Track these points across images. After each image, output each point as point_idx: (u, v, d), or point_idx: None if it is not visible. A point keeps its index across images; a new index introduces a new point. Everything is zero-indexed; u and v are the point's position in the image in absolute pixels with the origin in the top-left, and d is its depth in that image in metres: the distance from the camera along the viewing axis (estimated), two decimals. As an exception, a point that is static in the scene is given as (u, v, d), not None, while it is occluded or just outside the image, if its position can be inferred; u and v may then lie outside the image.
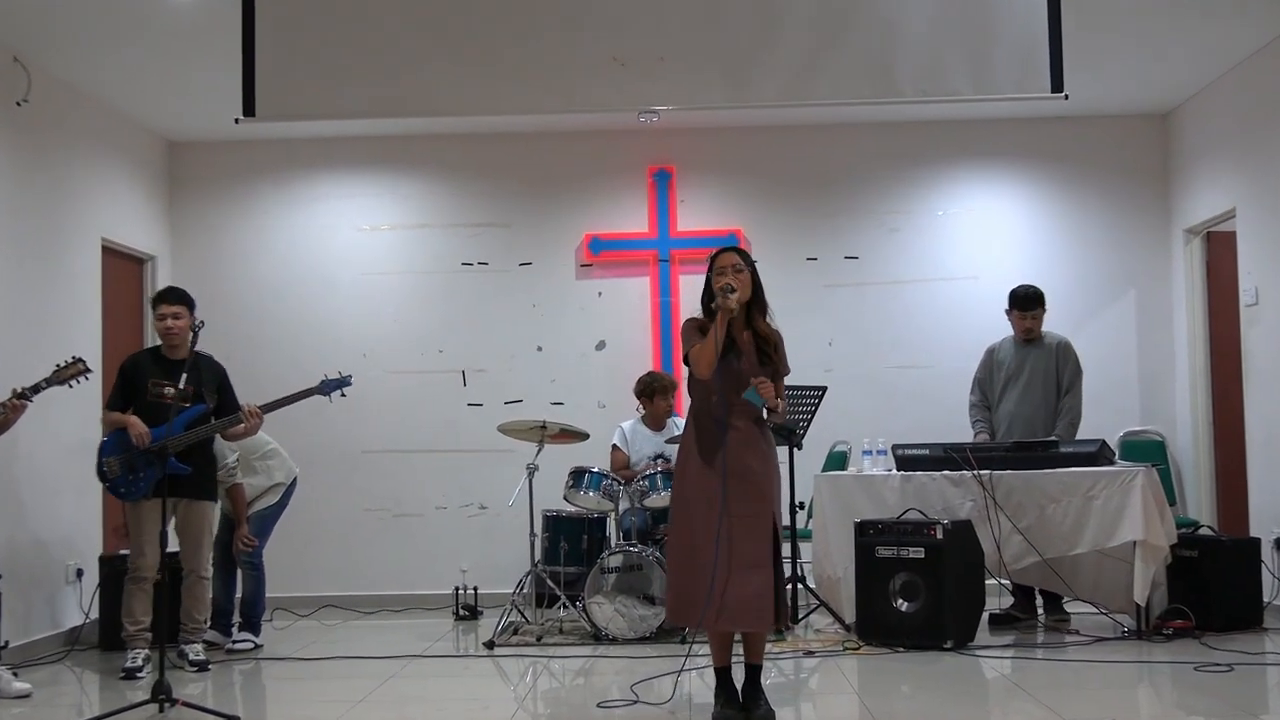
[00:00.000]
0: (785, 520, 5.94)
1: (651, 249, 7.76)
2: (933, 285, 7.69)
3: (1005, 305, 6.36)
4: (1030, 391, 6.22)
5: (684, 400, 7.40)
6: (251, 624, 6.17)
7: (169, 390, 5.45)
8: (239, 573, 6.21)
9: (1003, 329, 6.62)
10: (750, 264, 4.22)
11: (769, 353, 4.17)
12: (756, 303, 4.21)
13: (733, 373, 4.15)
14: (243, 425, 5.52)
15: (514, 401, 7.67)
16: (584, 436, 6.48)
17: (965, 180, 7.79)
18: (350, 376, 5.78)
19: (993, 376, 6.35)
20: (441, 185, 7.89)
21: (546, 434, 6.30)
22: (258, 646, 6.07)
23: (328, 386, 5.69)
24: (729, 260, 4.20)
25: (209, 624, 6.01)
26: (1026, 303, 6.26)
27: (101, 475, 5.49)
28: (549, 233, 7.81)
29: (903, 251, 7.74)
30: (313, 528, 7.57)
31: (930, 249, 7.74)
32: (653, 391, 6.71)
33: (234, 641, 6.07)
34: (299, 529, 7.40)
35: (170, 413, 5.24)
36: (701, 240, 7.66)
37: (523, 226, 7.84)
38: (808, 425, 6.25)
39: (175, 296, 5.62)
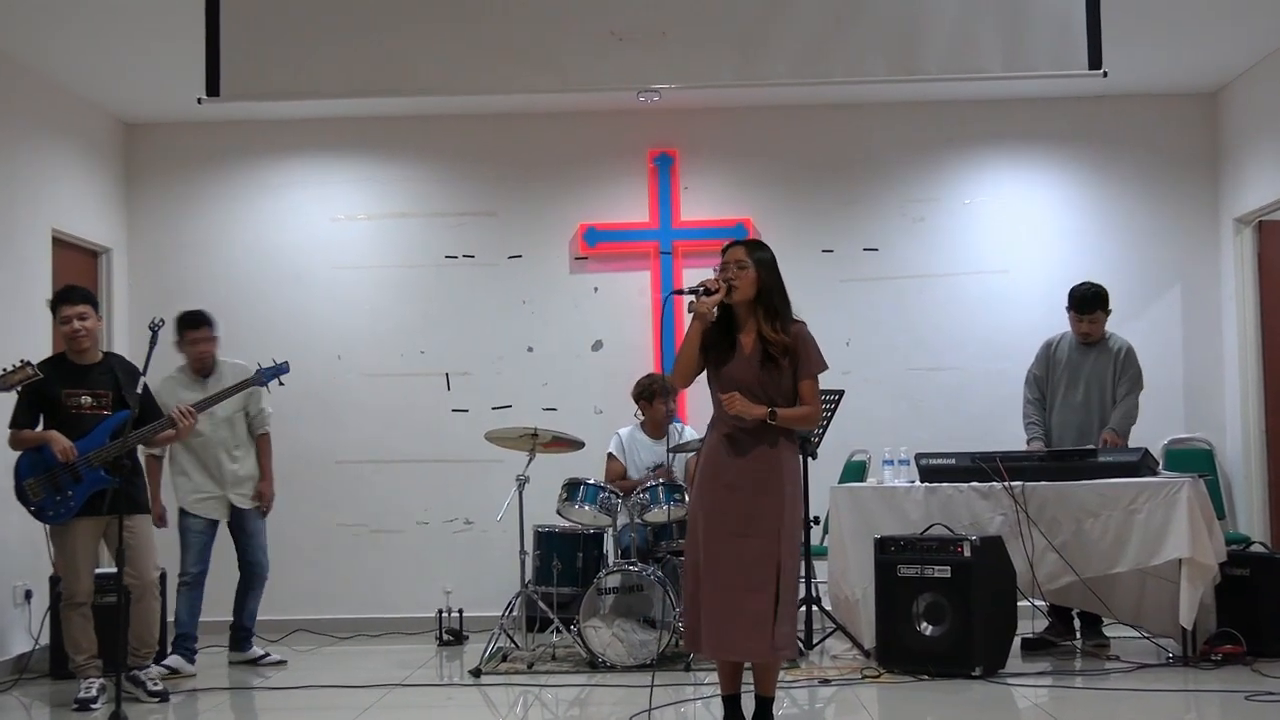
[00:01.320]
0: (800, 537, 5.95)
1: (652, 240, 7.76)
2: (960, 280, 7.70)
3: (1065, 303, 6.35)
4: (1088, 398, 6.23)
5: (689, 405, 7.42)
6: (251, 635, 6.44)
7: (85, 399, 5.44)
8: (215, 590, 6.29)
9: (1039, 327, 6.64)
10: (759, 259, 4.20)
11: (777, 358, 4.16)
12: (764, 302, 4.19)
13: (730, 379, 4.17)
14: (174, 429, 5.52)
15: (502, 407, 7.66)
16: (579, 445, 6.47)
17: (995, 165, 7.79)
18: (287, 363, 5.78)
19: (1049, 375, 6.34)
20: (423, 171, 7.89)
21: (538, 442, 6.30)
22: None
23: (265, 375, 5.71)
24: (732, 255, 4.21)
25: (169, 648, 6.02)
26: (1084, 304, 6.24)
27: (23, 499, 5.42)
28: (540, 223, 7.81)
29: (927, 243, 7.74)
30: (282, 545, 7.49)
31: (957, 240, 7.74)
32: (652, 394, 6.71)
33: (261, 657, 6.35)
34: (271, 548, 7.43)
35: (92, 422, 5.29)
36: (706, 231, 7.67)
37: (512, 216, 7.84)
38: (823, 433, 6.25)
39: (80, 295, 5.58)
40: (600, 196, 7.81)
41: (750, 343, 4.19)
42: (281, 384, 5.74)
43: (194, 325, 6.23)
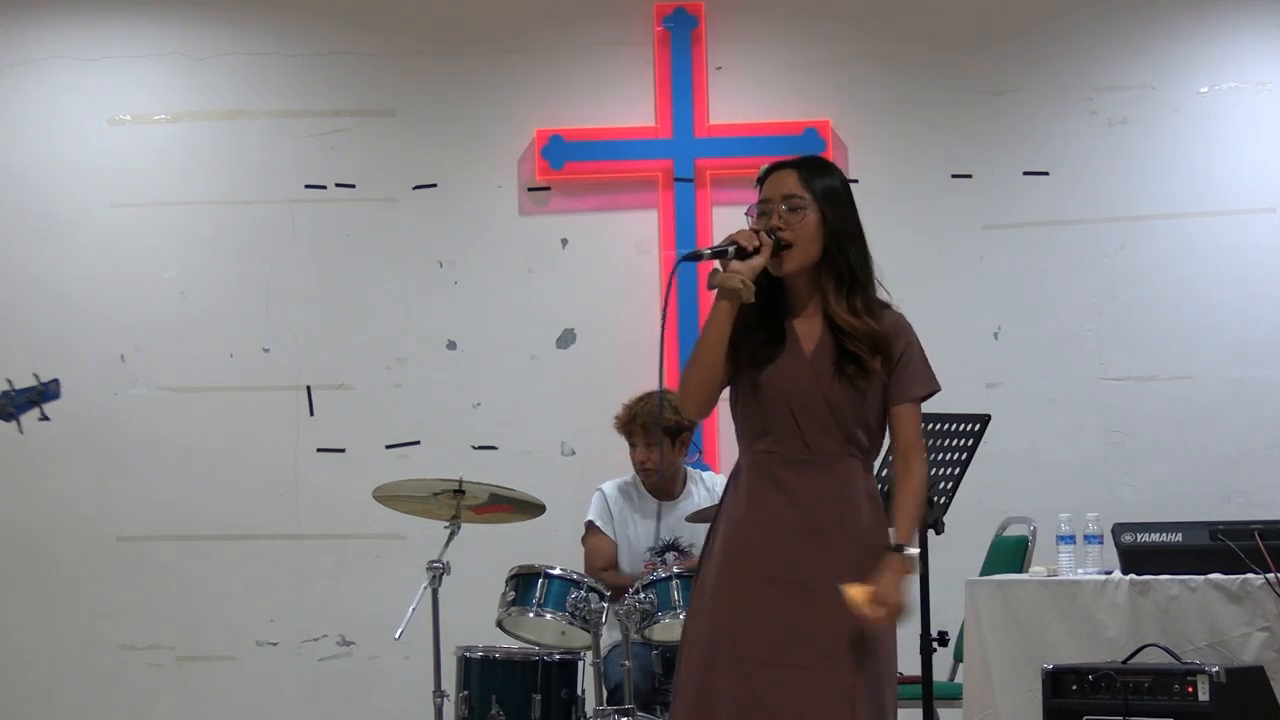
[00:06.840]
0: (904, 668, 5.93)
1: (662, 158, 7.83)
2: (1192, 225, 7.71)
3: None
4: None
5: (720, 436, 7.38)
6: None
7: None
8: None
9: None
10: (824, 190, 4.22)
11: (863, 357, 4.16)
12: (833, 266, 4.20)
13: (776, 392, 4.17)
14: None
15: (404, 444, 7.72)
16: (535, 509, 6.49)
17: (1250, 29, 7.81)
18: (55, 383, 5.76)
19: None
20: (270, 41, 7.93)
21: (465, 505, 6.31)
22: None
23: (16, 403, 5.71)
24: (779, 187, 4.22)
25: None
26: None
27: None
28: (471, 129, 7.89)
29: (1132, 162, 7.77)
30: (26, 678, 7.61)
31: (1184, 157, 7.76)
32: (630, 430, 6.73)
33: None
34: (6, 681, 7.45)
35: None
36: (752, 143, 7.71)
37: (422, 118, 7.93)
38: (953, 489, 6.23)
39: None
40: (573, 85, 7.91)
41: (813, 334, 4.21)
42: (46, 419, 5.73)
43: None
